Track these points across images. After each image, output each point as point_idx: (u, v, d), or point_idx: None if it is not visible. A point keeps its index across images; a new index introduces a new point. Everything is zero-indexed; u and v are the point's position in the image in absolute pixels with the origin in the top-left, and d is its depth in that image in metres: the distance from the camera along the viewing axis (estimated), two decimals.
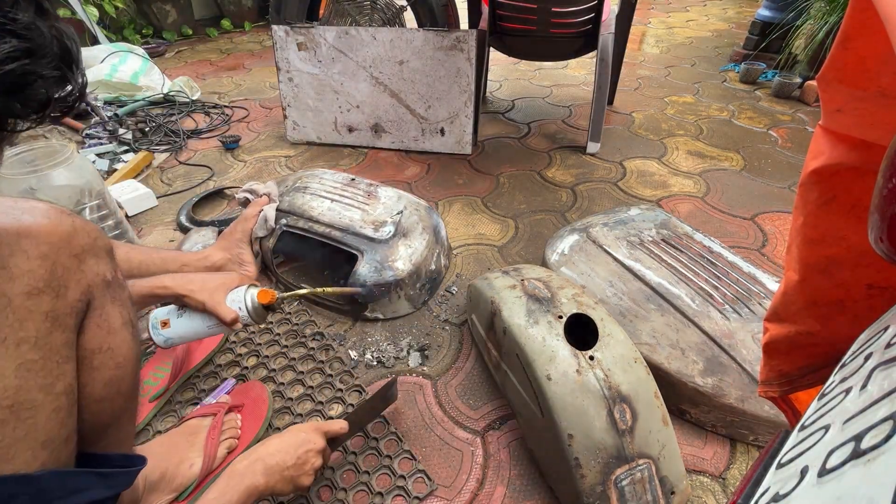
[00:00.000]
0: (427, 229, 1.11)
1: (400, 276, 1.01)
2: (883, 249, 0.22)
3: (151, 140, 1.79)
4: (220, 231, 1.29)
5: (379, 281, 0.99)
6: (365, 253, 1.02)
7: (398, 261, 1.03)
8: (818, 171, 0.37)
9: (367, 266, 1.01)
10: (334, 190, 1.17)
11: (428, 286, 1.09)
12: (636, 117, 2.05)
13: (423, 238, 1.09)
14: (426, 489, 0.75)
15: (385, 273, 1.00)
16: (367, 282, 0.99)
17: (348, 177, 1.23)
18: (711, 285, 0.93)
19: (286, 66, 1.69)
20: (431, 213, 1.18)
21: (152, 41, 3.02)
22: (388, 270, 1.01)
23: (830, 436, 0.22)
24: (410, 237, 1.07)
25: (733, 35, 3.34)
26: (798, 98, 2.22)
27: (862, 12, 0.29)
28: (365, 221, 1.07)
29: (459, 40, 1.56)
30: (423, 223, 1.12)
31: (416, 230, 1.09)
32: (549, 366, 0.69)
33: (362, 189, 1.18)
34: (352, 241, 1.04)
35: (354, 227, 1.05)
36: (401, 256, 1.03)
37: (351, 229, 1.05)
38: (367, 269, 1.00)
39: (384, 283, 1.00)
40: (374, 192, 1.18)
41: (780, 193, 1.52)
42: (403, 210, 1.12)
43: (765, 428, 0.79)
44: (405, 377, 0.93)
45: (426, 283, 1.08)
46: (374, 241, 1.04)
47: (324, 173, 1.24)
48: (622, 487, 0.64)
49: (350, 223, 1.06)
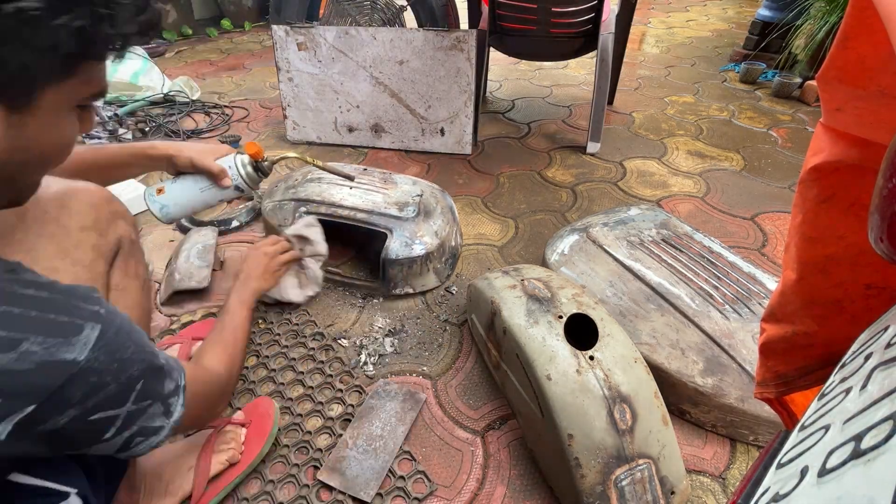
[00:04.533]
0: (445, 209, 1.18)
1: (430, 248, 1.08)
2: (883, 249, 0.22)
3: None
4: (221, 232, 1.29)
5: (410, 255, 1.06)
6: (394, 230, 1.08)
7: (426, 235, 1.09)
8: (818, 168, 0.37)
9: (398, 242, 1.06)
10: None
11: (450, 261, 1.16)
12: (636, 117, 2.05)
13: (443, 217, 1.16)
14: (426, 490, 0.74)
15: (416, 247, 1.07)
16: (399, 255, 1.05)
17: (359, 167, 1.27)
18: (711, 285, 0.93)
19: (286, 66, 1.69)
20: (446, 196, 1.25)
21: (152, 41, 3.02)
22: (419, 244, 1.07)
23: (830, 436, 0.22)
24: (432, 217, 1.14)
25: (733, 35, 3.34)
26: (798, 98, 2.22)
27: (861, 11, 0.29)
28: (388, 203, 1.12)
29: (459, 40, 1.56)
30: (441, 204, 1.19)
31: (437, 210, 1.16)
32: (549, 366, 0.69)
33: (377, 177, 1.23)
34: (379, 220, 1.09)
35: (379, 209, 1.10)
36: (427, 232, 1.10)
37: (376, 210, 1.10)
38: (398, 245, 1.06)
39: (416, 256, 1.06)
40: (389, 178, 1.23)
41: (780, 193, 1.51)
42: (422, 193, 1.18)
43: (765, 428, 0.79)
44: (405, 377, 0.93)
45: (449, 257, 1.16)
46: (401, 220, 1.09)
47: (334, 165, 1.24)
48: (622, 487, 0.64)
49: (374, 205, 1.11)
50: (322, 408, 0.86)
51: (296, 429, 0.83)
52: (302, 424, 0.83)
